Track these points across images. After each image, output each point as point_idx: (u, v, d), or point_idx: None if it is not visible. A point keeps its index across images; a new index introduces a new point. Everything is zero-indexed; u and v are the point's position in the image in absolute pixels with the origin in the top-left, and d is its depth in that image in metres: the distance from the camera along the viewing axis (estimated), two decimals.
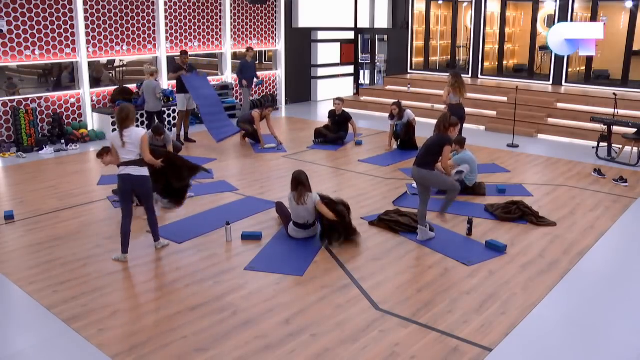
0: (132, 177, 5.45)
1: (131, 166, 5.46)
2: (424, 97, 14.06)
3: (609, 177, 8.62)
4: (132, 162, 5.46)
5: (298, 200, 5.90)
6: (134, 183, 5.49)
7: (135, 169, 5.46)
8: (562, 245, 6.08)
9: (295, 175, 6.02)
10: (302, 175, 6.01)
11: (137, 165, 5.47)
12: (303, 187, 5.93)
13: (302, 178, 5.97)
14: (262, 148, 10.45)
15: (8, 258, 5.69)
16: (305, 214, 5.97)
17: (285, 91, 15.61)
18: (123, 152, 5.46)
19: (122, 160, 5.49)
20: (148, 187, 5.62)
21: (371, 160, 9.61)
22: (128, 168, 5.46)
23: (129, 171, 5.45)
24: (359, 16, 17.30)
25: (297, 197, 5.91)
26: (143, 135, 5.47)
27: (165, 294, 4.94)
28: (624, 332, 4.42)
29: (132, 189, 5.57)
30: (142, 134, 5.46)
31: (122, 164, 5.49)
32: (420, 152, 6.14)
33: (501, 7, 14.93)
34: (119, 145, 5.44)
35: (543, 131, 11.79)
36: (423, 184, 6.11)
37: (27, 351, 4.15)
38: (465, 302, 4.82)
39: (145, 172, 5.55)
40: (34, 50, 10.55)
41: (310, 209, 5.95)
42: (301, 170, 6.14)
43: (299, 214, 5.99)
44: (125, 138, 5.40)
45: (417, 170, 6.05)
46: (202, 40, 13.40)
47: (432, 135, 6.13)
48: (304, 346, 4.15)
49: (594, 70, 13.90)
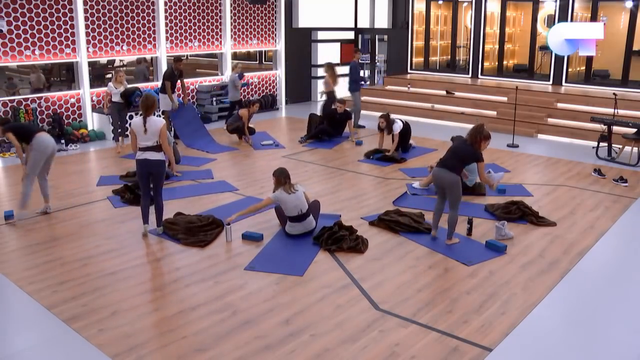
0: (149, 161, 6.00)
1: (149, 151, 5.99)
2: (424, 97, 14.06)
3: (609, 177, 8.62)
4: (150, 148, 5.99)
5: (290, 190, 6.10)
6: (151, 166, 6.02)
7: (152, 154, 6.01)
8: (562, 245, 6.08)
9: (279, 171, 6.27)
10: (283, 169, 6.31)
11: (154, 151, 6.00)
12: (289, 180, 6.22)
13: (284, 172, 6.26)
14: (262, 145, 10.64)
15: (8, 258, 5.69)
16: (298, 202, 6.11)
17: (285, 91, 15.61)
18: (143, 139, 5.96)
19: (141, 146, 5.99)
20: (162, 170, 6.14)
21: (371, 160, 9.61)
22: (146, 153, 5.99)
23: (146, 156, 5.99)
24: (359, 16, 17.31)
25: (288, 188, 6.13)
26: (163, 125, 6.02)
27: (165, 294, 4.94)
28: (624, 332, 4.42)
29: (148, 172, 6.08)
30: (161, 124, 6.01)
31: (141, 149, 6.00)
32: (448, 155, 6.09)
33: (501, 7, 14.93)
34: (141, 131, 5.93)
35: (543, 131, 11.79)
36: (441, 186, 6.07)
37: (27, 351, 4.15)
38: (465, 302, 4.82)
39: (161, 157, 6.07)
40: (34, 50, 10.55)
41: (300, 196, 6.15)
42: (281, 168, 6.37)
43: (291, 204, 6.08)
44: (147, 125, 5.92)
45: (441, 171, 5.99)
46: (202, 40, 13.40)
47: (462, 142, 6.08)
48: (303, 346, 4.15)
49: (594, 70, 13.90)
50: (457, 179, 5.91)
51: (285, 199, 6.07)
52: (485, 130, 5.98)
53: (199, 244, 5.98)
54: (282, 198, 6.08)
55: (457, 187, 5.94)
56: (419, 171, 8.86)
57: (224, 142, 10.83)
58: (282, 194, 6.09)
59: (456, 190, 5.94)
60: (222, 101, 13.40)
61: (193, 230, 6.20)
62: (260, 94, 15.05)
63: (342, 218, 6.66)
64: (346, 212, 7.04)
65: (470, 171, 7.73)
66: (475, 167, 7.79)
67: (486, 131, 5.99)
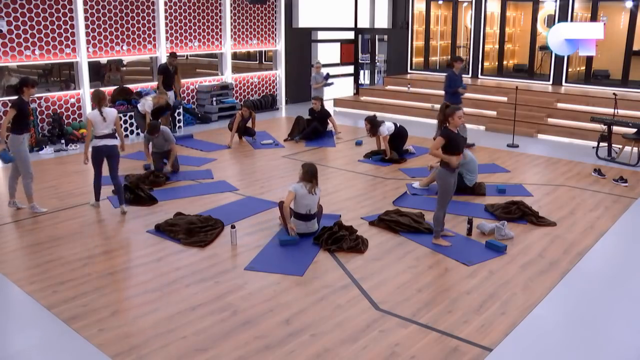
0: (108, 147, 6.77)
1: (107, 138, 6.75)
2: (424, 97, 14.06)
3: (609, 177, 8.62)
4: (108, 135, 6.76)
5: (310, 190, 6.10)
6: (109, 151, 6.80)
7: (110, 140, 6.80)
8: (562, 245, 6.08)
9: (311, 168, 6.21)
10: (314, 168, 6.26)
11: (112, 138, 6.80)
12: (316, 181, 6.21)
13: (315, 172, 6.22)
14: (261, 144, 10.71)
15: (8, 258, 5.69)
16: (310, 202, 6.12)
17: (285, 91, 15.61)
18: (102, 127, 6.69)
19: (99, 134, 6.71)
20: (118, 154, 6.91)
21: (371, 160, 9.61)
22: (104, 140, 6.74)
23: (105, 142, 6.75)
24: (359, 16, 17.30)
25: (311, 188, 6.12)
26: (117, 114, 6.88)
27: (165, 294, 4.94)
28: (624, 332, 4.43)
29: (107, 156, 6.82)
30: (116, 113, 6.88)
31: (98, 137, 6.72)
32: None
33: (501, 7, 14.93)
34: (99, 120, 6.67)
35: (543, 131, 11.79)
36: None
37: (27, 351, 4.15)
38: (465, 302, 4.82)
39: (117, 142, 6.87)
40: (34, 50, 10.55)
41: (316, 199, 6.18)
42: (312, 163, 6.33)
43: (304, 202, 6.08)
44: (104, 115, 6.68)
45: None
46: (202, 40, 13.40)
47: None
48: (303, 346, 4.15)
49: (594, 70, 13.90)
50: (440, 171, 5.87)
51: (302, 194, 6.08)
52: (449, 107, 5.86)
53: (199, 244, 5.98)
54: (300, 193, 6.09)
55: (439, 181, 5.92)
56: (419, 171, 8.86)
57: (224, 142, 10.80)
58: (302, 189, 6.08)
59: (440, 183, 5.92)
60: (222, 101, 13.40)
61: (193, 231, 6.20)
62: (260, 94, 15.05)
63: (342, 218, 6.66)
64: (346, 212, 7.04)
65: (470, 171, 7.72)
66: (476, 167, 7.83)
67: (450, 107, 5.87)
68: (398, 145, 9.72)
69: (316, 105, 11.32)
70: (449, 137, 5.72)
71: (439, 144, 5.74)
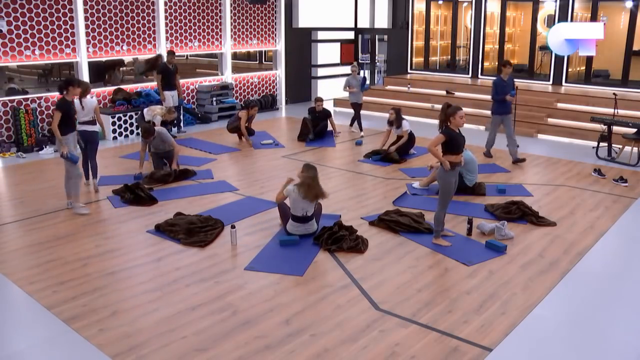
0: (87, 132, 7.57)
1: (86, 125, 7.54)
2: (424, 97, 14.06)
3: (609, 177, 8.62)
4: (87, 122, 7.53)
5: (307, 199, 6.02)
6: (89, 135, 7.60)
7: (90, 126, 7.59)
8: (562, 245, 6.08)
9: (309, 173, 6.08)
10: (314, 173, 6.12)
11: (91, 124, 7.59)
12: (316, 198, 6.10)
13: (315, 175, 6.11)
14: (261, 144, 10.69)
15: (8, 258, 5.69)
16: (306, 206, 6.07)
17: (285, 91, 15.61)
18: (82, 115, 7.44)
19: (80, 120, 7.45)
20: (97, 139, 7.76)
21: (371, 160, 9.61)
22: (84, 126, 7.53)
23: (85, 128, 7.55)
24: (359, 16, 17.30)
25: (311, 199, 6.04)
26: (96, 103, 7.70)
27: (165, 294, 4.94)
28: (624, 332, 4.43)
29: (86, 140, 7.62)
30: (96, 102, 7.69)
31: (80, 123, 7.47)
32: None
33: (501, 7, 14.93)
34: (79, 109, 7.36)
35: (543, 131, 11.79)
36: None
37: (27, 351, 4.15)
38: (465, 302, 4.82)
39: (96, 128, 7.68)
40: (34, 50, 10.54)
41: (313, 203, 6.13)
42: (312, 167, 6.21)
43: (300, 205, 6.05)
44: (83, 104, 7.41)
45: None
46: (202, 40, 13.39)
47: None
48: (304, 346, 4.15)
49: (594, 70, 13.89)
50: (441, 170, 5.84)
51: (295, 198, 6.05)
52: (450, 107, 5.80)
53: (199, 244, 5.98)
54: (293, 197, 6.05)
55: (440, 180, 5.91)
56: (419, 171, 8.86)
57: (224, 142, 10.81)
58: (295, 194, 6.03)
59: (441, 183, 5.92)
60: (222, 101, 13.40)
61: (193, 231, 6.20)
62: (260, 94, 15.05)
63: (342, 218, 6.66)
64: (346, 212, 7.04)
65: (470, 171, 7.72)
66: (476, 167, 7.83)
67: (452, 107, 5.81)
68: (406, 147, 9.75)
69: (319, 106, 11.31)
70: (450, 135, 5.73)
71: (438, 140, 5.75)
